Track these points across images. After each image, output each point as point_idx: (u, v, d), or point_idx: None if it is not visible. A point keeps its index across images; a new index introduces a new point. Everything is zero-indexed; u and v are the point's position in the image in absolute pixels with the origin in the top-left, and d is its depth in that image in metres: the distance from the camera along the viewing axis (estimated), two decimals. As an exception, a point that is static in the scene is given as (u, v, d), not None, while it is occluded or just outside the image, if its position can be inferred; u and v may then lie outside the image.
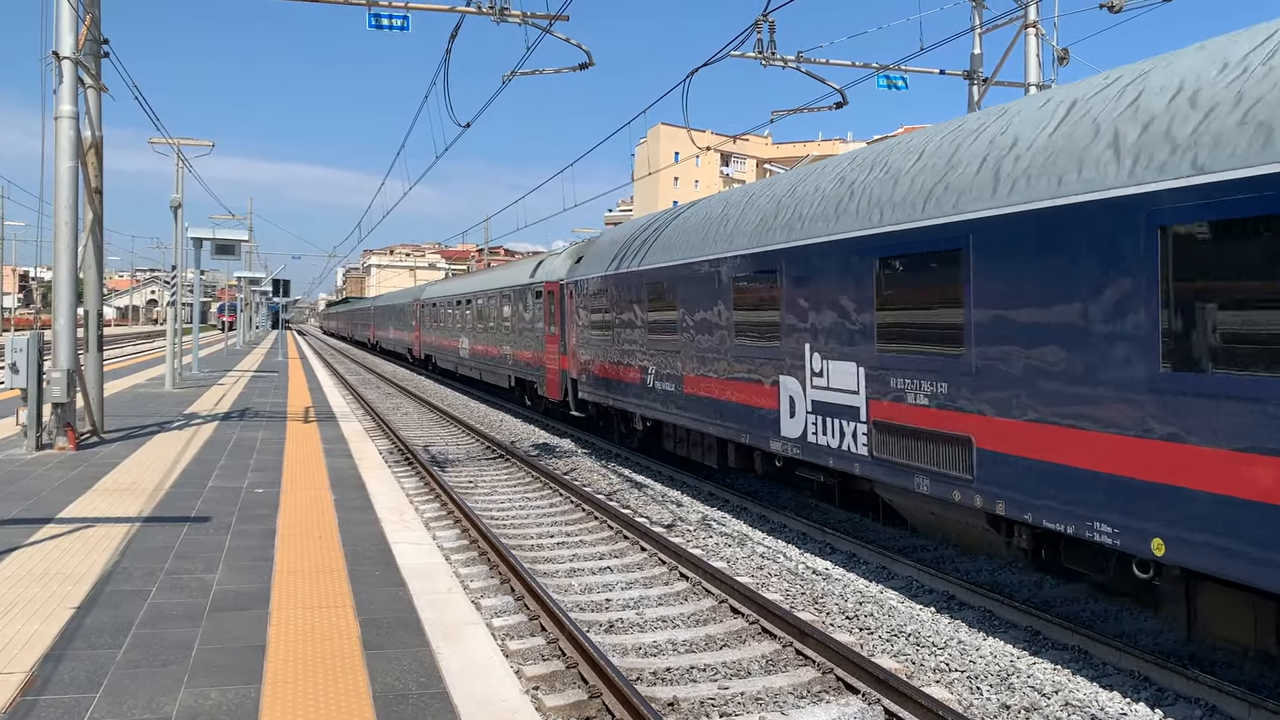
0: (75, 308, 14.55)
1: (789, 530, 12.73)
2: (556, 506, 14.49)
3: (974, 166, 8.80)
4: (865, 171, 10.78)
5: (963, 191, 8.81)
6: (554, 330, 22.90)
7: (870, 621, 8.99)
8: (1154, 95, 7.16)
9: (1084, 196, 7.42)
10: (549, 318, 23.35)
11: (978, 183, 8.65)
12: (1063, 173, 7.68)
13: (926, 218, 9.23)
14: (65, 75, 14.08)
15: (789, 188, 12.68)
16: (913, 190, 9.56)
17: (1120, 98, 7.51)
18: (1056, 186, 7.71)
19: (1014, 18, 19.25)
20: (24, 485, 11.34)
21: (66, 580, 7.42)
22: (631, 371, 17.15)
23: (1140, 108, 7.21)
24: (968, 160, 8.95)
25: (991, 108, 9.64)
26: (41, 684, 5.38)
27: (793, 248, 11.72)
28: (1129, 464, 7.05)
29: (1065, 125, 7.91)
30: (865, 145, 13.23)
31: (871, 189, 10.36)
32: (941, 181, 9.16)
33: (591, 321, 19.49)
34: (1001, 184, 8.34)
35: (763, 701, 7.15)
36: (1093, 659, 7.98)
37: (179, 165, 30.55)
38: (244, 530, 9.22)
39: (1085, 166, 7.48)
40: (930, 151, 9.68)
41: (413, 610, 6.85)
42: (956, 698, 7.23)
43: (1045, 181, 7.85)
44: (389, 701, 5.21)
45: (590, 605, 9.60)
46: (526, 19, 15.49)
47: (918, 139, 10.31)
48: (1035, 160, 8.05)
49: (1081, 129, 7.69)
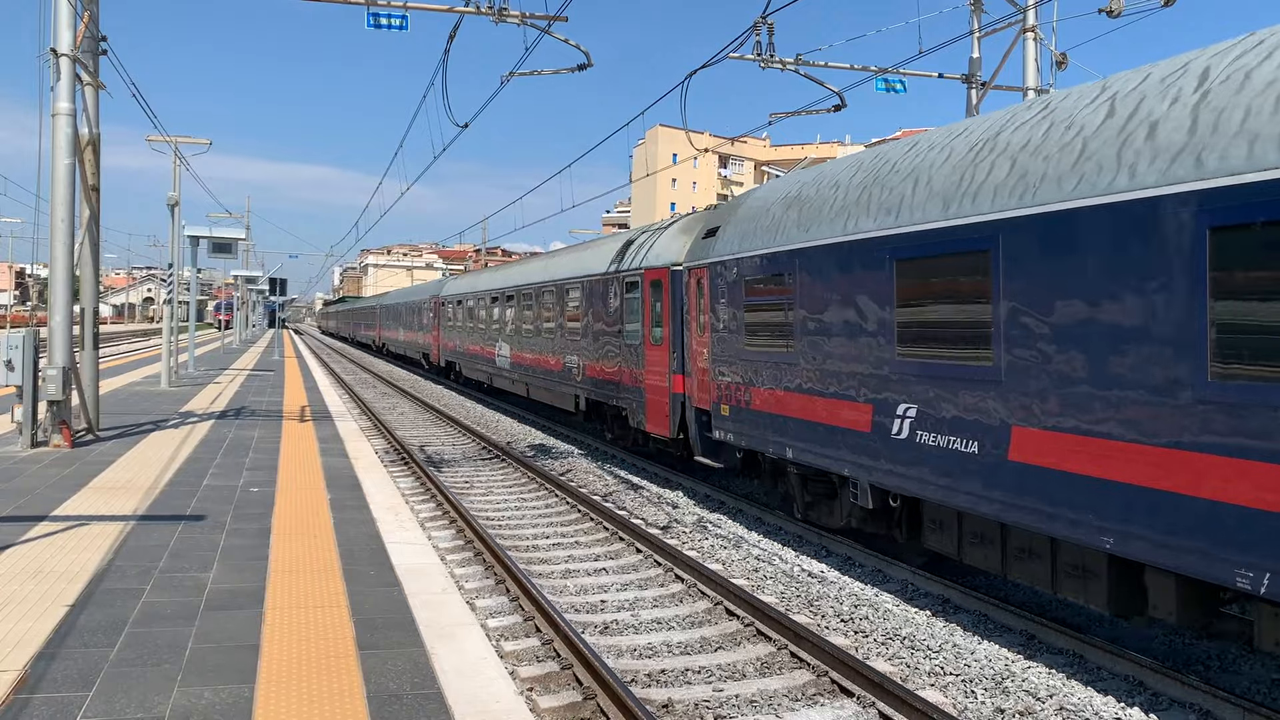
0: (71, 305, 14.52)
1: (785, 533, 12.72)
2: (552, 507, 14.47)
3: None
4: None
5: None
6: (661, 335, 16.17)
7: (865, 624, 8.99)
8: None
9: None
10: (653, 318, 16.55)
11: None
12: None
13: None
14: (63, 72, 14.06)
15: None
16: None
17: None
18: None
19: (1013, 22, 19.29)
20: (18, 483, 11.31)
21: (60, 579, 7.40)
22: (848, 410, 10.44)
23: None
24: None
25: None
26: (34, 683, 5.36)
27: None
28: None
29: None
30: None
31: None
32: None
33: (749, 324, 12.66)
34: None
35: (757, 704, 7.14)
36: (1088, 663, 7.98)
37: (176, 163, 30.52)
38: (239, 529, 9.20)
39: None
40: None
41: (407, 610, 6.84)
42: (951, 701, 7.22)
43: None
44: (383, 702, 5.20)
45: (585, 606, 9.59)
46: (525, 19, 15.49)
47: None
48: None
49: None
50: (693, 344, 14.83)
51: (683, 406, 15.40)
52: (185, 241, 30.01)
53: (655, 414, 16.43)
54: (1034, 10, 18.95)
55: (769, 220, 12.34)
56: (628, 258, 18.16)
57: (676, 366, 15.56)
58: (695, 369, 14.69)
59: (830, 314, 10.80)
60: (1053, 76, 19.26)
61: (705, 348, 14.27)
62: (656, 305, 16.41)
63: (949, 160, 9.18)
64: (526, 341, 25.30)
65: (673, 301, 15.78)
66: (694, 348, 14.72)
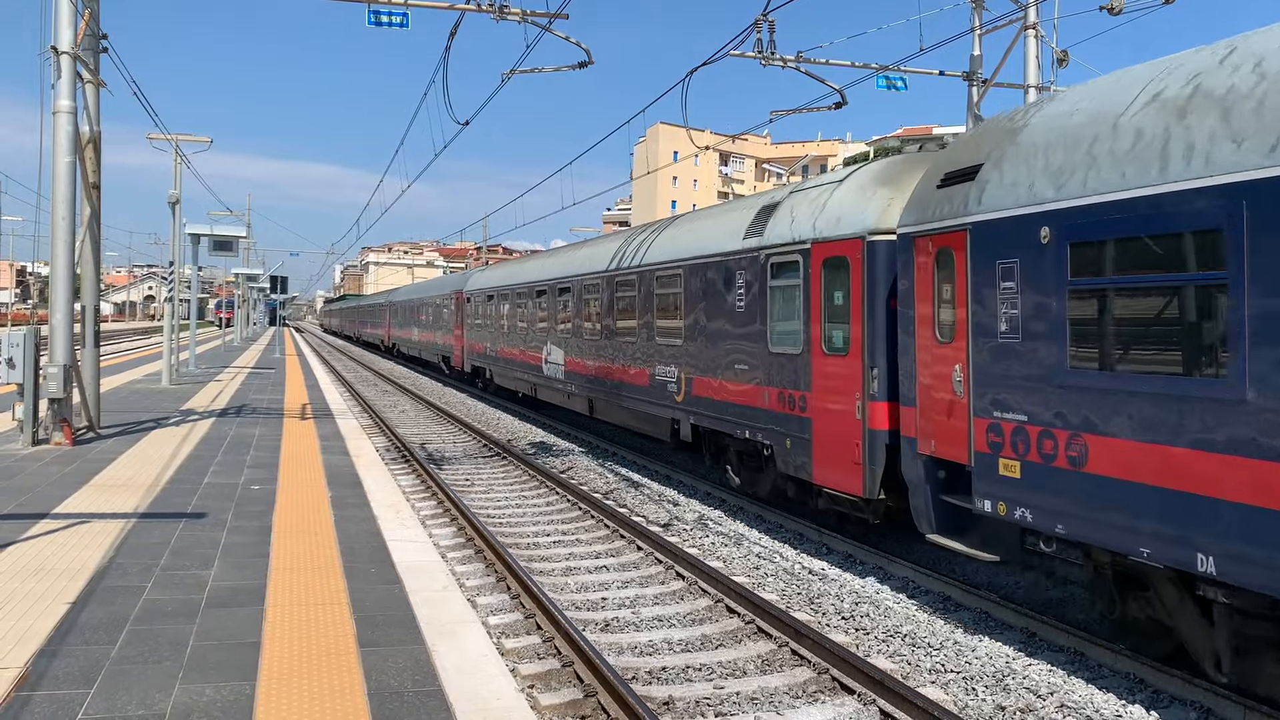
0: (72, 303, 14.53)
1: (785, 530, 12.72)
2: (553, 505, 14.48)
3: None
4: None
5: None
6: (846, 340, 11.01)
7: (866, 622, 8.99)
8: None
9: None
10: (828, 314, 11.36)
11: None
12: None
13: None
14: (63, 70, 14.06)
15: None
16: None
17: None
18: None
19: (1014, 19, 19.28)
20: (20, 480, 11.32)
21: (61, 576, 7.41)
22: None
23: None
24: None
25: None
26: (36, 679, 5.36)
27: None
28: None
29: None
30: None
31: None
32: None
33: (1084, 324, 7.62)
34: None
35: (758, 701, 7.14)
36: (1088, 661, 7.98)
37: (177, 161, 30.51)
38: (240, 527, 9.21)
39: None
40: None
41: (408, 608, 6.84)
42: (952, 699, 7.23)
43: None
44: (384, 699, 5.20)
45: (586, 604, 9.59)
46: (526, 17, 15.48)
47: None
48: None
49: None
50: (921, 355, 9.57)
51: (890, 451, 10.28)
52: (186, 239, 30.04)
53: (832, 458, 11.11)
54: (1035, 7, 18.94)
55: (1129, 141, 7.19)
56: (774, 227, 12.60)
57: (880, 389, 10.37)
58: (928, 396, 9.47)
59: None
60: (1054, 74, 19.25)
61: (957, 363, 9.03)
62: (836, 295, 11.13)
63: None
64: (590, 345, 20.06)
65: (868, 289, 10.52)
66: (924, 361, 9.52)
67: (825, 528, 12.11)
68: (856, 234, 10.82)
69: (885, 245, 10.45)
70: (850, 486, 10.82)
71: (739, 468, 14.14)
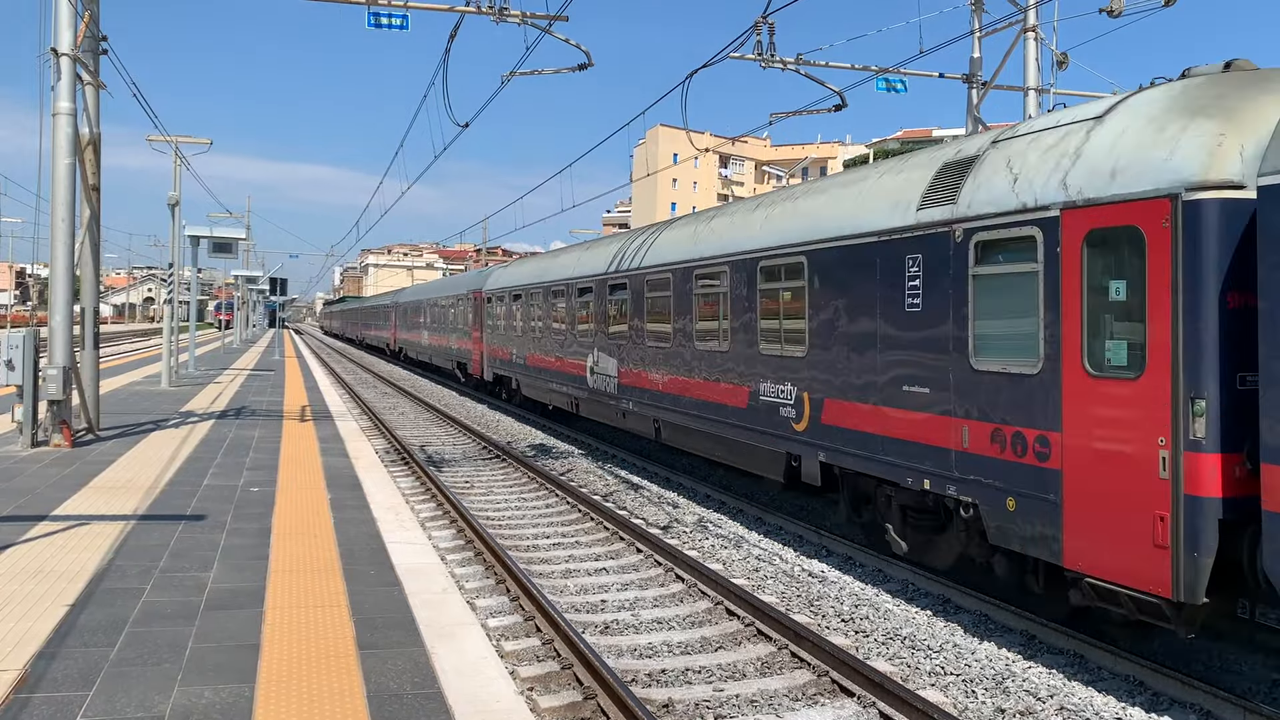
0: (71, 305, 14.53)
1: (785, 532, 12.72)
2: (553, 507, 14.47)
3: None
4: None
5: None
6: (1135, 360, 7.33)
7: (866, 624, 8.99)
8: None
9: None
10: (1092, 317, 7.67)
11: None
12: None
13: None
14: (63, 72, 14.06)
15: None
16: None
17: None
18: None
19: (1013, 21, 19.30)
20: (19, 482, 11.31)
21: (60, 578, 7.40)
22: None
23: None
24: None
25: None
26: (34, 682, 5.36)
27: None
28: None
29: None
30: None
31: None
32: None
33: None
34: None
35: (758, 704, 7.14)
36: (1088, 663, 7.98)
37: (177, 163, 30.52)
38: (239, 529, 9.21)
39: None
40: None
41: (408, 610, 6.84)
42: (952, 701, 7.22)
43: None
44: (383, 701, 5.20)
45: (586, 606, 9.59)
46: (526, 19, 15.49)
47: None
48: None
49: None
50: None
51: (1225, 529, 6.74)
52: (186, 241, 30.03)
53: (1107, 534, 7.40)
54: (1035, 10, 18.96)
55: None
56: (976, 191, 8.93)
57: (1209, 432, 6.79)
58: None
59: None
60: (1053, 76, 19.29)
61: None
62: (1113, 285, 7.54)
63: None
64: (654, 353, 16.37)
65: (1187, 275, 6.92)
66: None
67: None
68: (1159, 191, 7.12)
69: (1218, 206, 6.88)
70: (1147, 581, 7.08)
71: (903, 528, 10.29)
